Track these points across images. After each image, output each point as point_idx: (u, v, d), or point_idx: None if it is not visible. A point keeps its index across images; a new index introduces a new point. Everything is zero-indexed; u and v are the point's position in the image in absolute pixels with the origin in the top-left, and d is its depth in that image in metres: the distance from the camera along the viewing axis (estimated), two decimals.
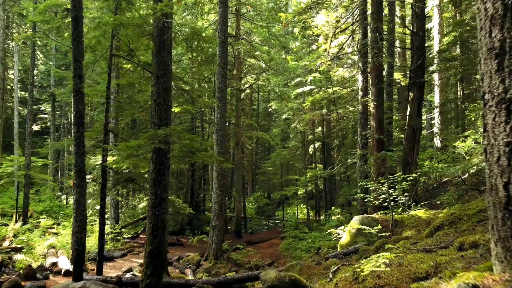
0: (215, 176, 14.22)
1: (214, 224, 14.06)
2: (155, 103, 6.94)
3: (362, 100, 13.19)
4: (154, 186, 6.77)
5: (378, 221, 8.34)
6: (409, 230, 7.52)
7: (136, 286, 7.76)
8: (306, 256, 14.78)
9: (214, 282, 7.98)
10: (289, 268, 7.40)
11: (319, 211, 26.34)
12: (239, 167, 21.69)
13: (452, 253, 3.55)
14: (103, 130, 8.97)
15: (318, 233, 16.91)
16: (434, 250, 3.99)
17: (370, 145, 12.95)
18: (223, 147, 14.28)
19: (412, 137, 12.09)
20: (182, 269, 12.66)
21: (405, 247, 4.70)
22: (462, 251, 3.46)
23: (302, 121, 24.18)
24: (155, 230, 6.65)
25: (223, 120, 14.32)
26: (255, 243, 19.36)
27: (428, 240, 4.96)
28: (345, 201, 18.11)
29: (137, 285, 7.73)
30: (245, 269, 14.14)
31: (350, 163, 13.74)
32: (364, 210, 12.38)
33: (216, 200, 14.13)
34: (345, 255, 7.65)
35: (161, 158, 6.76)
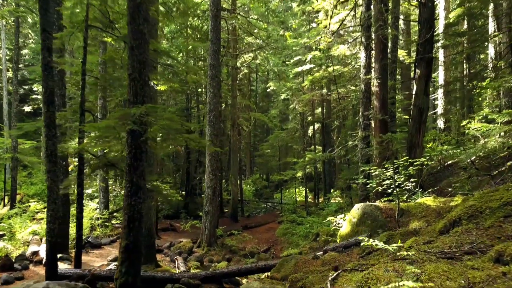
0: (208, 160, 13.43)
1: (207, 210, 13.37)
2: (129, 78, 6.05)
3: (365, 78, 12.27)
4: (129, 173, 5.95)
5: (381, 209, 7.58)
6: (416, 220, 6.76)
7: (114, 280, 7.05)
8: (303, 243, 14.18)
9: (201, 277, 7.28)
10: (283, 263, 6.68)
11: (318, 193, 25.71)
12: (235, 150, 20.90)
13: (486, 265, 2.77)
14: (79, 110, 8.11)
15: (316, 217, 16.26)
16: (458, 256, 3.20)
17: (373, 126, 12.10)
18: (216, 129, 13.45)
19: (418, 118, 11.23)
20: (173, 257, 12.02)
21: (418, 248, 3.92)
22: (501, 264, 2.68)
23: (301, 102, 23.25)
24: (131, 222, 5.88)
25: (216, 100, 13.43)
26: (252, 227, 18.75)
27: (444, 238, 4.17)
28: (345, 185, 17.39)
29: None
30: (240, 256, 13.55)
31: (350, 145, 12.92)
32: (365, 196, 11.64)
33: (209, 184, 13.39)
34: (345, 247, 6.91)
35: (137, 141, 5.93)
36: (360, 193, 11.81)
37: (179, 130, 6.31)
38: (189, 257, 12.30)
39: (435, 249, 3.69)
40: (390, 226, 7.20)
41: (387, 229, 7.15)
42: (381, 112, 11.35)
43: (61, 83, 11.16)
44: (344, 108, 19.01)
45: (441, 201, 7.40)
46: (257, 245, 15.38)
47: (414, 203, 7.70)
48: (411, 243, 4.33)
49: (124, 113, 5.54)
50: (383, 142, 9.77)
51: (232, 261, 12.96)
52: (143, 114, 5.61)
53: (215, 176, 13.41)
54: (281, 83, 25.75)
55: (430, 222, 6.41)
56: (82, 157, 8.16)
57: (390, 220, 7.32)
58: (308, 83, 20.66)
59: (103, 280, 7.36)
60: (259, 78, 42.94)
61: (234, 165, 20.81)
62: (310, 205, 21.88)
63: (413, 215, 7.19)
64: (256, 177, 36.88)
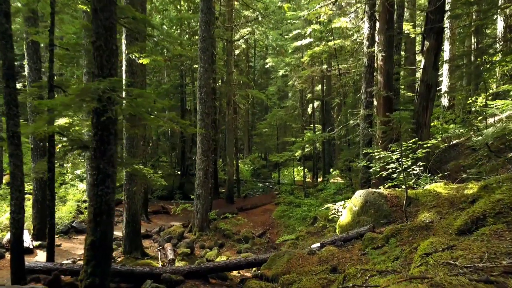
0: (199, 140, 12.57)
1: (198, 193, 12.61)
2: (93, 47, 5.12)
3: (368, 51, 11.26)
4: (95, 158, 5.11)
5: (386, 197, 6.78)
6: (426, 211, 5.97)
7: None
8: (300, 227, 13.50)
9: (184, 272, 6.55)
10: (274, 258, 5.93)
11: (316, 173, 24.98)
12: (231, 129, 20.00)
13: None
14: (48, 86, 7.19)
15: (314, 200, 15.55)
16: (498, 278, 2.39)
17: (376, 104, 11.20)
18: (208, 107, 12.52)
19: (426, 95, 10.32)
20: (162, 243, 11.34)
21: (438, 258, 3.11)
22: None
23: (301, 78, 22.17)
24: (98, 215, 5.07)
25: (207, 75, 12.45)
26: (248, 209, 18.07)
27: (469, 242, 3.36)
28: (345, 167, 16.61)
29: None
30: (233, 241, 12.88)
31: (352, 125, 12.03)
32: (367, 179, 10.85)
33: (201, 166, 12.58)
34: (345, 241, 6.15)
35: (104, 121, 5.05)
36: (361, 176, 11.02)
37: (153, 108, 5.41)
38: (179, 243, 11.61)
39: (462, 262, 2.88)
40: (395, 216, 6.42)
41: (392, 220, 6.38)
42: (386, 89, 10.41)
43: (35, 56, 10.19)
44: (345, 84, 18.01)
45: (454, 188, 6.59)
46: (252, 229, 14.71)
47: (422, 190, 6.89)
48: (426, 248, 3.52)
49: (84, 89, 4.64)
50: (389, 122, 8.88)
51: (225, 247, 12.30)
52: (107, 90, 4.71)
53: (207, 157, 12.59)
54: (280, 59, 24.61)
55: (442, 213, 5.61)
56: (52, 139, 7.30)
57: (396, 209, 6.54)
58: (307, 58, 19.56)
59: (77, 275, 6.65)
60: (257, 54, 41.62)
61: (230, 145, 19.97)
62: (309, 185, 21.17)
63: (422, 204, 6.39)
64: (254, 156, 36.13)
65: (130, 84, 9.46)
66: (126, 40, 9.29)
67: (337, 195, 14.54)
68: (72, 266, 6.82)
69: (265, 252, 11.98)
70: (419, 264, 3.25)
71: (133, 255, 9.53)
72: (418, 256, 3.47)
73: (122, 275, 6.63)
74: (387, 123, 10.23)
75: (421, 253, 3.47)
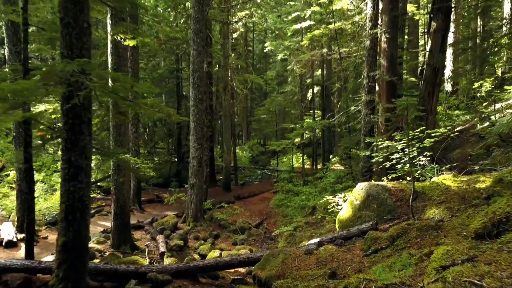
0: (192, 127, 12.00)
1: (192, 182, 12.11)
2: (61, 24, 4.51)
3: (371, 33, 10.58)
4: (66, 150, 4.56)
5: (390, 191, 6.26)
6: (434, 207, 5.45)
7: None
8: (298, 218, 13.06)
9: (172, 271, 6.07)
10: (268, 258, 5.43)
11: (316, 160, 24.47)
12: (228, 115, 19.40)
13: None
14: (22, 68, 6.58)
15: (313, 188, 15.06)
16: None
17: (379, 89, 10.58)
18: (201, 92, 11.91)
19: (431, 79, 9.72)
20: (154, 235, 10.89)
21: (458, 275, 2.59)
22: None
23: (300, 62, 21.44)
24: (70, 213, 4.55)
25: (200, 59, 11.80)
26: (245, 197, 17.63)
27: (496, 254, 2.83)
28: (345, 155, 16.07)
29: None
30: (229, 232, 12.45)
31: (353, 111, 11.43)
32: (368, 169, 10.32)
33: (195, 154, 12.04)
34: (345, 239, 5.64)
35: (74, 108, 4.48)
36: (362, 165, 10.48)
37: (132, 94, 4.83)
38: (172, 234, 11.16)
39: (490, 282, 2.35)
40: (400, 212, 5.90)
41: (397, 216, 5.86)
42: (389, 73, 9.79)
43: (15, 38, 9.52)
44: (345, 68, 17.31)
45: (464, 181, 6.06)
46: (249, 219, 14.28)
47: (429, 183, 6.36)
48: (441, 258, 3.00)
49: (49, 71, 4.05)
50: (393, 109, 8.30)
51: (220, 238, 11.87)
52: (75, 73, 4.12)
53: (201, 145, 12.04)
54: (279, 42, 23.80)
55: (453, 210, 5.09)
56: (28, 127, 6.73)
57: (401, 204, 6.02)
58: (307, 42, 18.79)
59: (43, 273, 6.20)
60: (256, 38, 40.66)
61: (227, 131, 19.40)
62: (308, 172, 20.68)
63: (429, 199, 5.87)
64: (253, 143, 35.59)
65: (116, 67, 8.85)
66: (111, 21, 8.62)
67: (337, 184, 14.05)
68: (52, 264, 6.33)
69: (261, 244, 11.57)
70: (434, 280, 2.73)
71: (122, 249, 9.09)
72: (432, 268, 2.95)
73: (105, 274, 6.16)
74: (390, 110, 9.65)
75: (435, 265, 2.94)
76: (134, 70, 13.80)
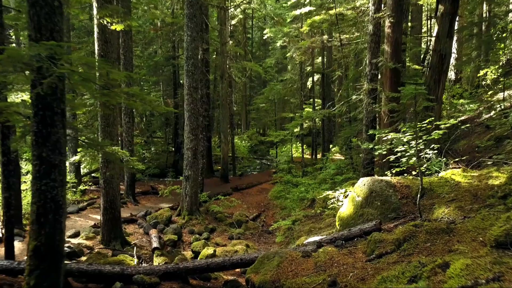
0: (187, 117, 11.50)
1: (187, 174, 11.67)
2: (28, 3, 4.00)
3: (374, 17, 10.01)
4: (37, 145, 4.08)
5: (394, 187, 5.81)
6: (444, 205, 5.00)
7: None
8: (297, 212, 12.66)
9: (160, 272, 5.66)
10: (263, 260, 5.00)
11: (315, 149, 24.02)
12: (225, 104, 18.86)
13: None
14: None
15: (312, 179, 14.64)
16: None
17: (382, 77, 10.07)
18: (195, 80, 11.38)
19: (438, 66, 9.19)
20: (147, 229, 10.49)
21: None
22: None
23: (300, 50, 20.81)
24: (42, 215, 4.11)
25: (194, 45, 11.24)
26: (243, 189, 17.21)
27: None
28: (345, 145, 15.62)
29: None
30: (226, 225, 12.07)
31: (354, 100, 10.92)
32: (370, 160, 9.88)
33: (189, 145, 11.58)
34: (346, 240, 5.21)
35: (46, 99, 4.00)
36: (364, 157, 10.03)
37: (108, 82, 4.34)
38: (166, 228, 10.77)
39: None
40: (406, 210, 5.46)
41: (402, 215, 5.42)
42: (394, 59, 9.26)
43: None
44: (346, 55, 16.73)
45: (475, 176, 5.61)
46: (246, 211, 13.88)
47: (437, 178, 5.90)
48: (460, 275, 2.55)
49: (10, 56, 3.55)
50: (397, 98, 7.80)
51: (216, 232, 11.49)
52: (42, 57, 3.62)
53: (196, 136, 11.56)
54: (278, 29, 23.12)
55: (465, 210, 4.64)
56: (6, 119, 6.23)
57: (407, 202, 5.57)
58: (307, 28, 18.17)
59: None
60: (255, 25, 39.85)
61: (225, 121, 18.89)
62: (307, 162, 20.25)
63: (437, 196, 5.42)
64: (252, 132, 35.04)
65: (104, 54, 8.33)
66: (96, 3, 8.07)
67: (337, 175, 13.61)
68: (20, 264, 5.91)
69: (258, 238, 11.19)
70: None
71: (112, 245, 8.69)
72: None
73: (89, 276, 5.75)
74: (394, 99, 9.15)
75: (454, 284, 2.50)
76: (126, 58, 13.24)
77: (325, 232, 8.94)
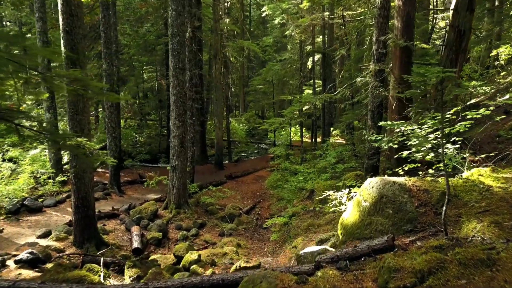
0: (173, 101, 10.39)
1: (174, 165, 10.66)
2: None
3: None
4: None
5: (410, 191, 4.77)
6: (474, 219, 3.98)
7: None
8: (294, 207, 11.70)
9: None
10: (247, 286, 4.02)
11: (315, 133, 22.93)
12: (219, 86, 17.67)
13: None
14: None
15: (312, 168, 13.62)
16: None
17: (391, 56, 8.91)
18: (182, 60, 10.22)
19: (456, 44, 8.03)
20: (129, 226, 9.56)
21: None
22: None
23: (299, 27, 19.44)
24: None
25: (180, 21, 10.04)
26: (238, 177, 16.28)
27: None
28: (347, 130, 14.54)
29: None
30: (217, 219, 11.14)
31: (359, 83, 9.77)
32: (375, 151, 8.82)
33: (176, 133, 10.53)
34: (351, 259, 4.21)
35: None
36: (369, 147, 8.96)
37: None
38: (150, 224, 9.83)
39: None
40: (425, 222, 4.44)
41: (420, 228, 4.40)
42: (405, 37, 8.09)
43: None
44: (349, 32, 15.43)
45: (509, 179, 4.57)
46: (240, 202, 12.96)
47: (462, 180, 4.86)
48: None
49: None
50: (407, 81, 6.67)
51: (206, 227, 10.57)
52: None
53: (183, 122, 10.48)
54: (276, 5, 21.69)
55: (504, 228, 3.62)
56: None
57: (425, 211, 4.55)
58: (306, 4, 16.80)
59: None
60: (253, 2, 38.22)
61: (219, 104, 17.74)
62: (307, 147, 19.23)
63: (464, 205, 4.39)
64: (250, 115, 33.86)
65: (69, 30, 7.17)
66: None
67: (338, 164, 12.60)
68: None
69: (252, 234, 10.25)
70: None
71: (85, 247, 7.74)
72: None
73: None
74: (404, 82, 8.03)
75: None
76: (107, 35, 12.03)
77: (325, 233, 7.99)
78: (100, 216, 10.03)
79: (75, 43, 7.20)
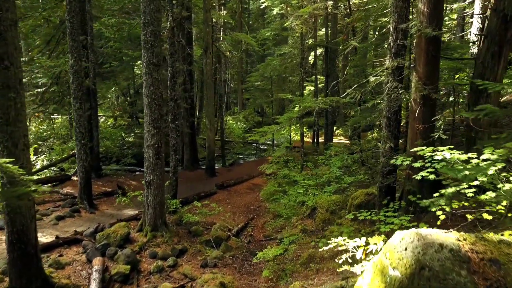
0: (146, 104, 8.63)
1: (148, 180, 8.95)
2: None
3: None
4: None
5: (468, 261, 3.02)
6: None
7: None
8: (294, 218, 10.04)
9: None
10: None
11: (317, 133, 21.17)
12: (210, 83, 15.88)
13: None
14: None
15: (313, 180, 11.84)
16: None
17: (414, 50, 7.13)
18: (156, 55, 8.46)
19: (500, 34, 6.26)
20: (91, 256, 7.86)
21: None
22: None
23: (300, 18, 17.61)
24: None
25: (154, 7, 8.27)
26: (230, 186, 14.55)
27: None
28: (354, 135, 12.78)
29: None
30: (200, 244, 9.43)
31: (374, 83, 7.97)
32: (392, 169, 7.06)
33: (150, 142, 8.80)
34: None
35: None
36: (383, 161, 7.20)
37: None
38: (118, 252, 8.12)
39: None
40: None
41: None
42: (433, 23, 6.28)
43: None
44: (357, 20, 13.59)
45: None
46: (231, 219, 11.25)
47: None
48: None
49: None
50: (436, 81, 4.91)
51: (187, 254, 8.85)
52: None
53: (158, 129, 8.72)
54: None
55: None
56: None
57: None
58: None
59: None
60: None
61: (209, 103, 15.95)
62: (308, 150, 17.46)
63: None
64: (248, 112, 32.04)
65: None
66: None
67: (344, 176, 10.86)
68: None
69: (241, 265, 8.51)
70: None
71: None
72: None
73: None
74: (430, 82, 6.30)
75: None
76: (74, 25, 10.26)
77: (330, 275, 6.29)
78: (58, 243, 8.35)
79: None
